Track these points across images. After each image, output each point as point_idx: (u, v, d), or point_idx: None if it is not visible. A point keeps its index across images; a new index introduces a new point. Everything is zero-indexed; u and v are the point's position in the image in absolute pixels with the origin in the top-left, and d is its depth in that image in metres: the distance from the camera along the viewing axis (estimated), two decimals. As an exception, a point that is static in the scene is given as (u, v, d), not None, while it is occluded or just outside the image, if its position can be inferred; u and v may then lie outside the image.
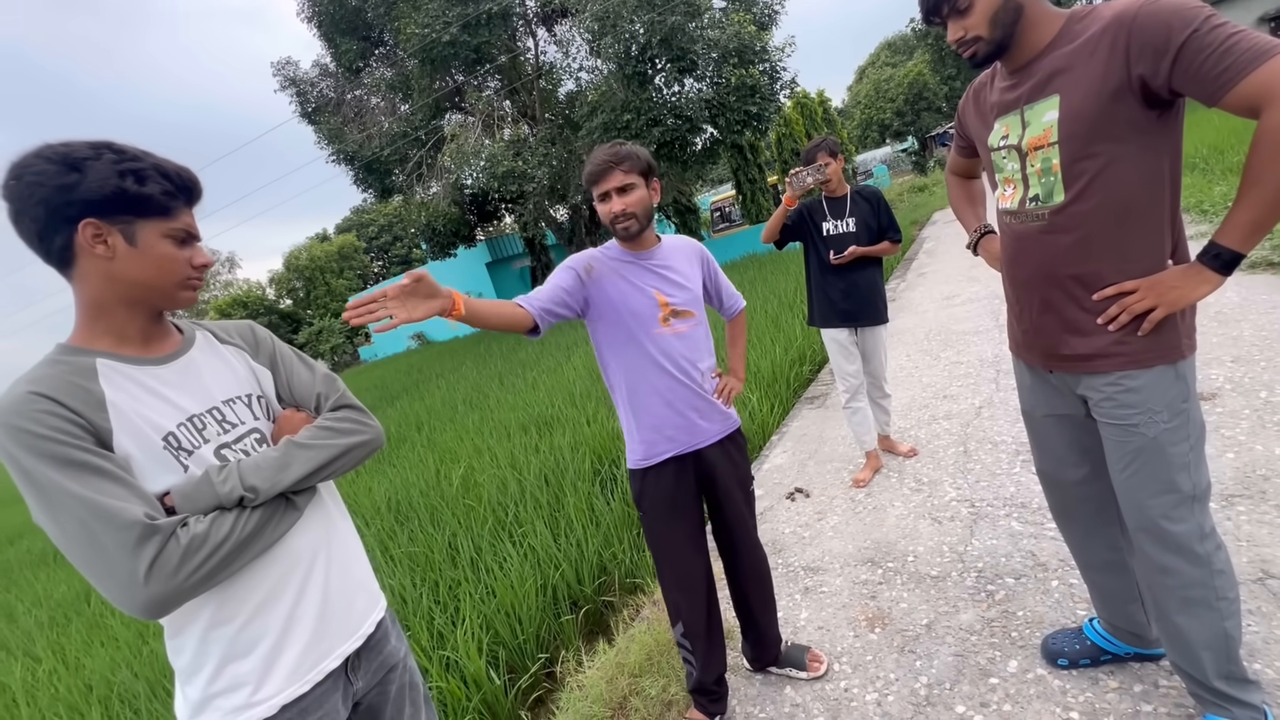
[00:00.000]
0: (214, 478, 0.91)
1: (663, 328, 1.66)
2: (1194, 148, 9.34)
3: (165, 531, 0.83)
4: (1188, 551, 1.31)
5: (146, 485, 0.89)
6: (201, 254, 1.01)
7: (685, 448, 1.71)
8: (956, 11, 1.26)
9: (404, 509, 4.42)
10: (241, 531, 0.90)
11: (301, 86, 17.88)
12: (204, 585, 0.87)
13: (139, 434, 0.90)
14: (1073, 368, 1.38)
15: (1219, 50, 1.06)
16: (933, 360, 4.70)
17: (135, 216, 0.91)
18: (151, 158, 0.93)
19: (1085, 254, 1.28)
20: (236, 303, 35.13)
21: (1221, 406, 2.76)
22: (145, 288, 0.95)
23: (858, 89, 40.79)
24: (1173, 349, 1.26)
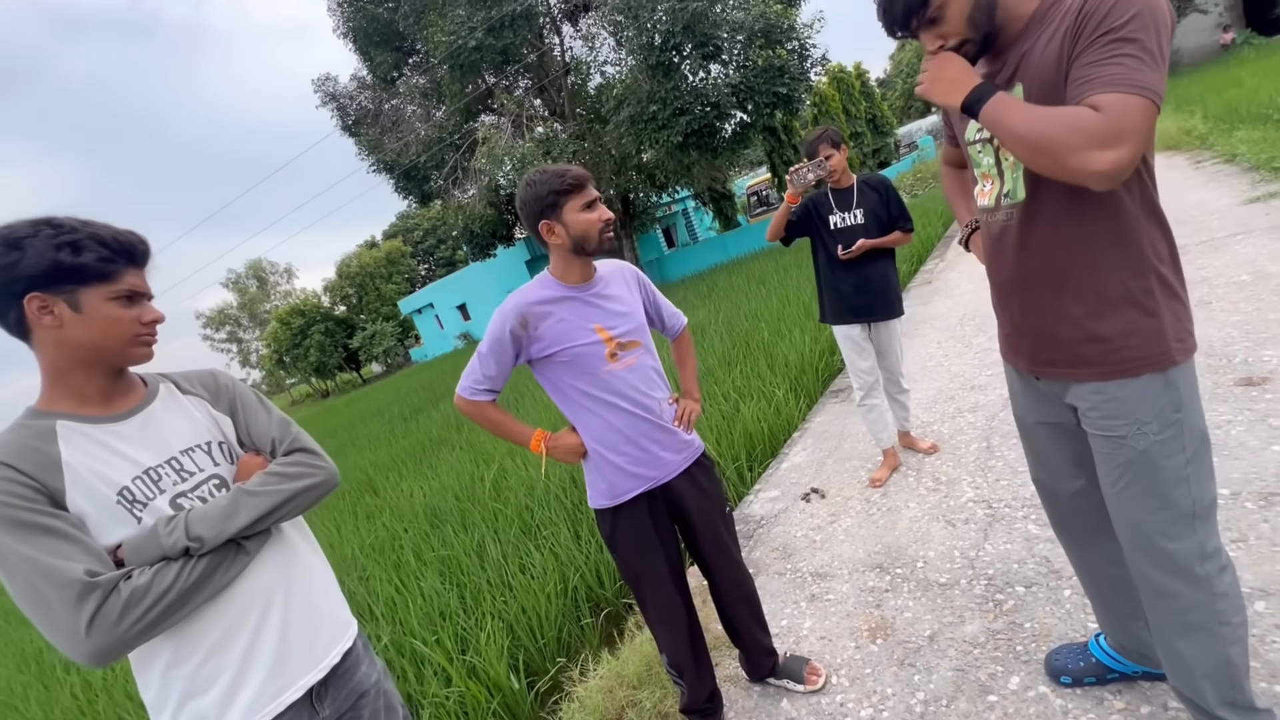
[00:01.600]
0: (160, 530, 0.97)
1: (611, 364, 1.59)
2: (1268, 97, 8.57)
3: (105, 587, 0.90)
4: (1186, 573, 1.23)
5: (101, 539, 0.96)
6: (150, 311, 1.07)
7: (652, 483, 1.66)
8: (929, 22, 1.18)
9: (439, 513, 4.59)
10: (186, 581, 0.96)
11: (341, 100, 18.55)
12: (149, 633, 0.93)
13: (92, 491, 0.97)
14: (1058, 374, 1.31)
15: (1122, 56, 0.98)
16: (964, 347, 4.51)
17: (76, 285, 0.98)
18: (90, 228, 0.99)
19: (1055, 253, 1.21)
20: (295, 311, 36.88)
21: (1271, 392, 2.55)
22: (96, 349, 1.02)
23: (900, 57, 39.11)
24: (1161, 356, 1.17)
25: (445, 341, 30.85)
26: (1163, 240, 1.18)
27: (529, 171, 1.58)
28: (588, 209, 1.55)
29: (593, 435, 1.64)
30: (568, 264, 1.61)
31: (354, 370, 40.68)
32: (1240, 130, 7.79)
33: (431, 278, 44.81)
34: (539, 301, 1.58)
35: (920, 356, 4.60)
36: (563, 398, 1.65)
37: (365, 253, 40.79)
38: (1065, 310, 1.23)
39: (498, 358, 1.59)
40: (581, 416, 1.64)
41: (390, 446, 8.79)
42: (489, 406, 1.66)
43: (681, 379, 1.96)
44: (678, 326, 1.91)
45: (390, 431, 10.45)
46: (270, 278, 46.29)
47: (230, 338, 45.19)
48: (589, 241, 1.56)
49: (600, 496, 1.68)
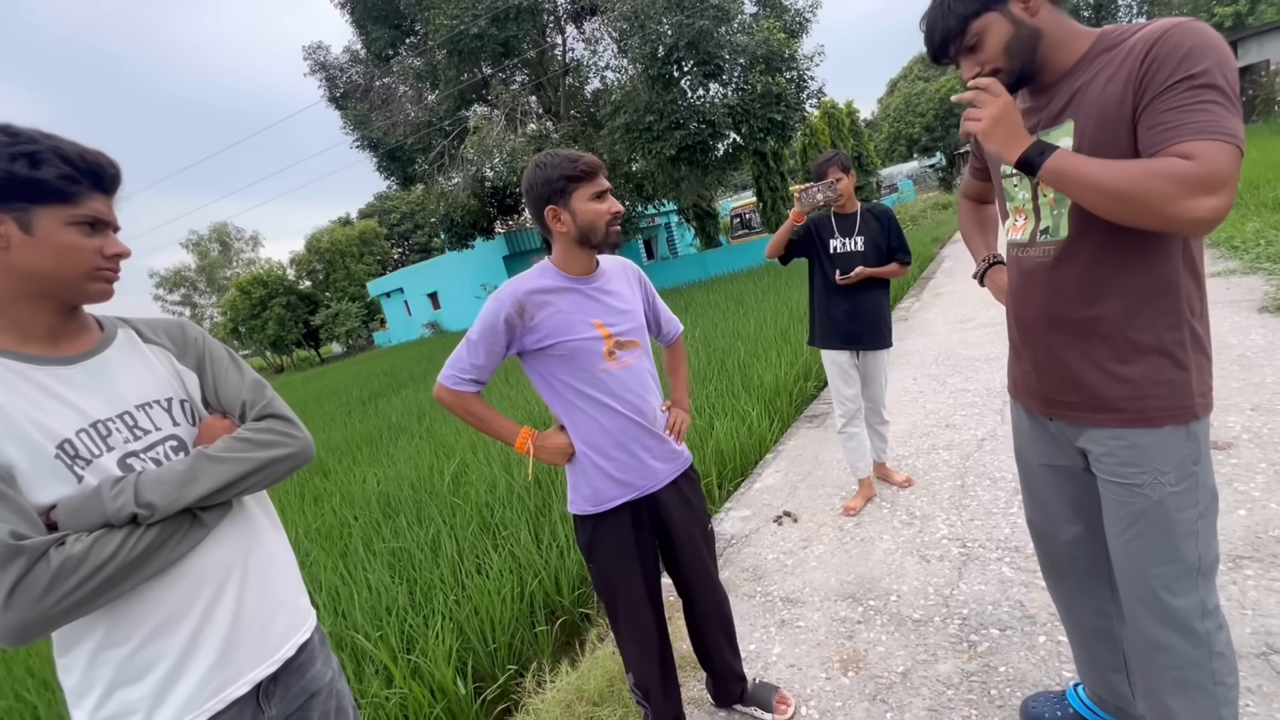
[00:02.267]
0: (105, 491, 0.84)
1: (608, 362, 1.51)
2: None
3: (33, 552, 0.77)
4: (1187, 629, 1.21)
5: (33, 497, 0.83)
6: (115, 243, 0.94)
7: (638, 492, 1.58)
8: (967, 49, 1.17)
9: (393, 502, 4.39)
10: (130, 552, 0.83)
11: (331, 71, 18.09)
12: (78, 611, 0.81)
13: (27, 440, 0.83)
14: (1075, 418, 1.28)
15: (1207, 105, 0.97)
16: (939, 386, 4.57)
17: (29, 203, 0.85)
18: (51, 140, 0.87)
19: (1091, 295, 1.18)
20: (257, 281, 35.55)
21: (1236, 458, 2.63)
22: (47, 280, 0.88)
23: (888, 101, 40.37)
24: (1184, 409, 1.16)
25: (412, 328, 30.17)
26: (1198, 295, 1.17)
27: (539, 154, 1.48)
28: (597, 199, 1.47)
29: (582, 436, 1.55)
30: (571, 254, 1.52)
31: (312, 348, 39.38)
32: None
33: (405, 262, 43.88)
34: (538, 290, 1.49)
35: (896, 391, 4.64)
36: (554, 394, 1.56)
37: (338, 229, 39.68)
38: (1093, 353, 1.21)
39: (488, 346, 1.49)
40: (572, 415, 1.55)
41: (346, 429, 8.47)
42: (472, 398, 1.55)
43: (673, 388, 1.88)
44: (673, 333, 1.85)
45: (347, 414, 10.08)
46: (234, 244, 44.64)
47: (184, 301, 43.29)
48: (595, 233, 1.48)
49: (583, 502, 1.59)
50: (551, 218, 1.47)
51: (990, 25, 1.14)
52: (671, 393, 1.86)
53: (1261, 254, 5.57)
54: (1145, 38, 1.04)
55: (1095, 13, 23.48)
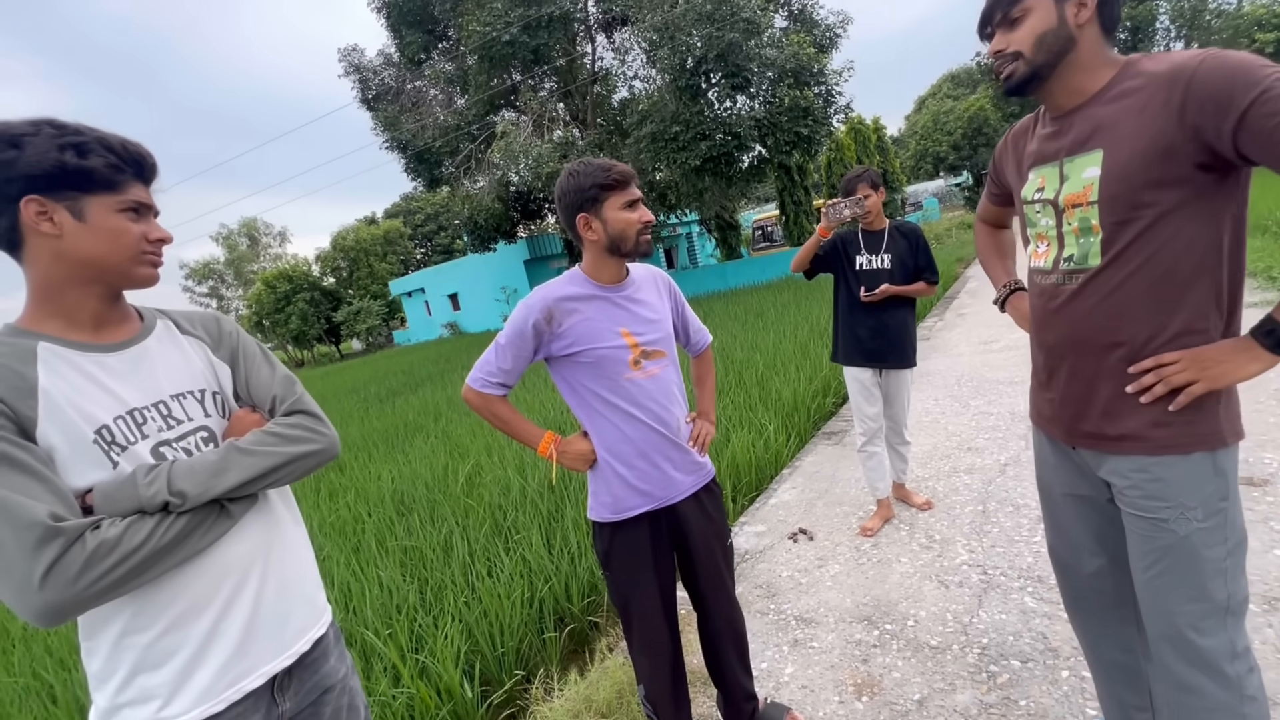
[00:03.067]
0: (140, 478, 0.86)
1: (634, 372, 1.51)
2: (1267, 209, 8.85)
3: (70, 535, 0.78)
4: (1215, 670, 1.16)
5: (69, 481, 0.85)
6: (158, 228, 0.97)
7: (659, 503, 1.57)
8: (1007, 21, 1.17)
9: (407, 501, 4.42)
10: (160, 539, 0.85)
11: (364, 74, 18.46)
12: (109, 594, 0.82)
13: (68, 425, 0.85)
14: (1100, 446, 1.25)
15: None
16: (961, 408, 4.50)
17: (80, 191, 0.88)
18: (95, 132, 0.90)
19: (1121, 324, 1.16)
20: (282, 276, 36.23)
21: (1272, 495, 2.54)
22: (98, 265, 0.91)
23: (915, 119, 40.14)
24: (1213, 435, 1.12)
25: (431, 328, 30.48)
26: (1230, 319, 1.14)
27: (572, 163, 1.49)
28: (629, 208, 1.47)
29: (604, 444, 1.55)
30: (601, 262, 1.53)
31: (333, 344, 39.97)
32: (1240, 237, 8.02)
33: (427, 263, 44.43)
34: (567, 297, 1.50)
35: (917, 411, 4.57)
36: (579, 401, 1.56)
37: (364, 228, 40.34)
38: (1117, 382, 1.18)
39: (516, 350, 1.51)
40: (596, 423, 1.55)
41: (362, 426, 8.55)
42: (498, 401, 1.57)
43: (699, 399, 1.87)
44: (702, 343, 1.83)
45: (364, 411, 10.19)
46: (263, 238, 45.53)
47: (211, 293, 44.19)
48: (626, 242, 1.48)
49: (602, 509, 1.59)
50: (583, 225, 1.48)
51: (1038, 8, 1.13)
52: (698, 403, 1.85)
53: (1301, 286, 5.42)
54: (1182, 68, 1.04)
55: (1132, 35, 23.17)
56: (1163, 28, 23.51)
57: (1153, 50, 23.79)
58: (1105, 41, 1.15)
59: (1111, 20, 1.15)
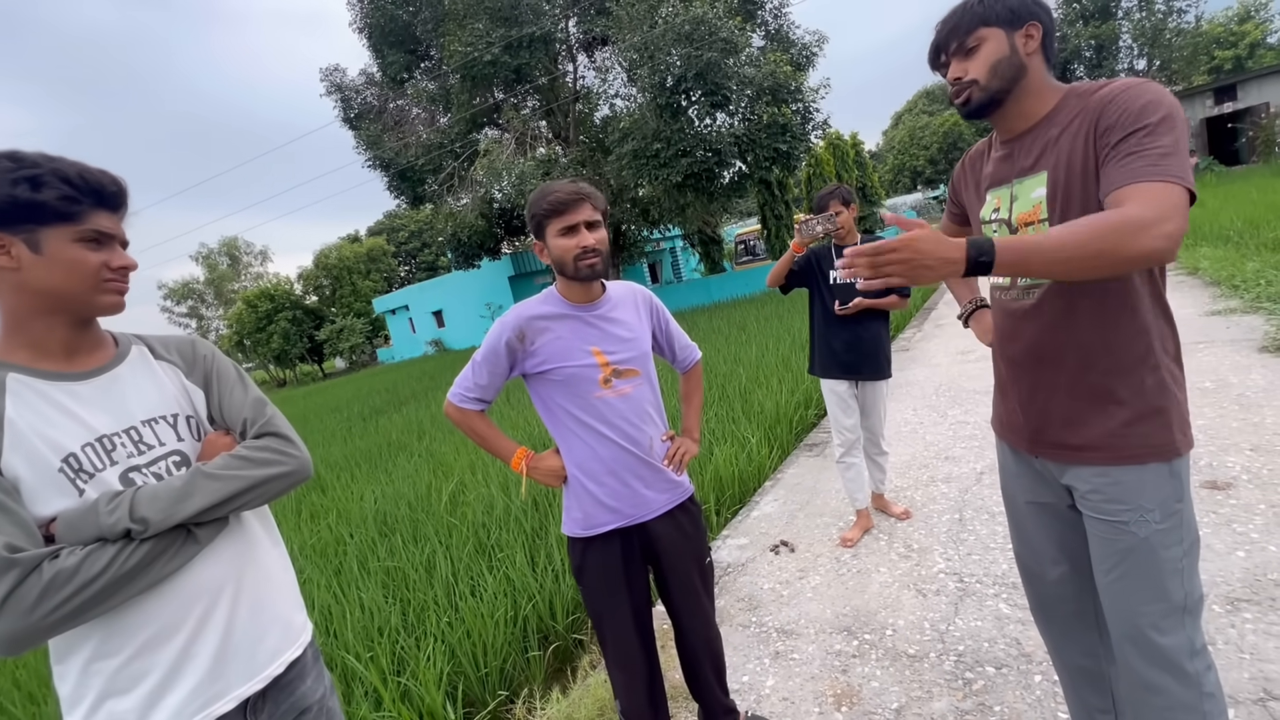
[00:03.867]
0: (101, 506, 0.87)
1: (603, 390, 1.53)
2: (1229, 220, 9.16)
3: (25, 565, 0.79)
4: (1176, 668, 1.20)
5: (35, 509, 0.85)
6: (121, 256, 0.97)
7: (628, 520, 1.58)
8: (963, 51, 1.25)
9: (390, 521, 4.38)
10: (121, 567, 0.85)
11: (346, 93, 18.50)
12: (68, 623, 0.82)
13: (34, 454, 0.86)
14: (1061, 457, 1.30)
15: (1153, 151, 1.03)
16: (939, 417, 4.57)
17: (36, 224, 0.88)
18: (54, 164, 0.90)
19: (1071, 338, 1.23)
20: (264, 295, 35.83)
21: (1235, 499, 2.62)
22: (58, 296, 0.92)
23: (893, 134, 40.97)
24: (1167, 446, 1.18)
25: (416, 345, 30.28)
26: (1170, 336, 1.21)
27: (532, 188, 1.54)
28: (565, 234, 1.47)
29: (575, 461, 1.58)
30: (567, 282, 1.56)
31: (316, 363, 39.50)
32: (1203, 247, 8.29)
33: (411, 280, 44.26)
34: (539, 316, 1.54)
35: (896, 422, 4.63)
36: (551, 418, 1.59)
37: (346, 246, 40.10)
38: (1075, 392, 1.24)
39: (490, 367, 1.55)
40: (567, 439, 1.58)
41: (345, 445, 8.45)
42: (476, 417, 1.61)
43: (684, 416, 1.88)
44: (689, 360, 1.83)
45: (347, 430, 10.08)
46: (244, 257, 45.09)
47: (191, 313, 43.59)
48: (565, 267, 1.50)
49: (574, 524, 1.61)
50: (539, 250, 1.55)
51: (992, 39, 1.21)
52: (682, 420, 1.86)
53: (1262, 293, 5.60)
54: (1104, 95, 1.13)
55: (1097, 54, 23.94)
56: (1126, 46, 24.31)
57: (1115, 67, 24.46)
58: (1048, 71, 1.25)
59: (1051, 52, 1.25)
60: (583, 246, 1.47)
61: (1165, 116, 1.04)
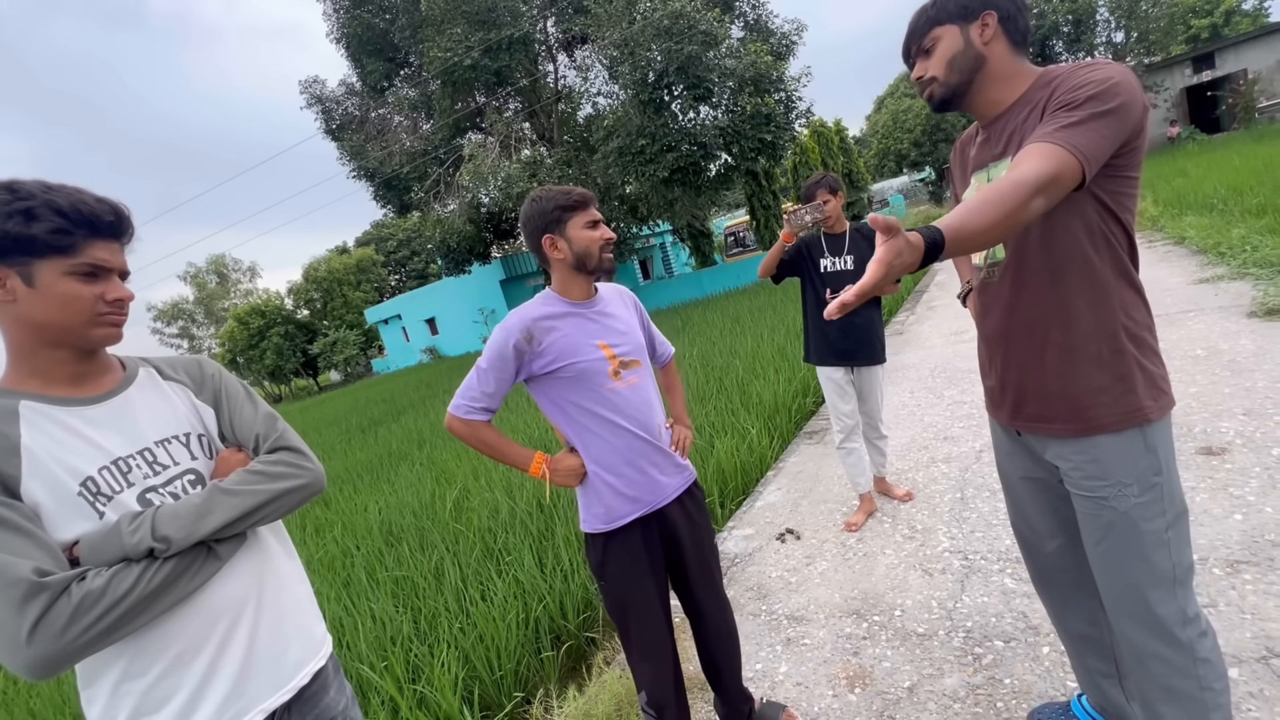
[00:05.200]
0: (124, 527, 0.88)
1: (615, 382, 1.57)
2: (1212, 188, 9.22)
3: (54, 589, 0.80)
4: (1169, 636, 1.23)
5: (57, 534, 0.86)
6: (117, 288, 0.96)
7: (648, 508, 1.62)
8: (923, 51, 1.29)
9: (395, 530, 4.38)
10: (147, 586, 0.86)
11: (327, 104, 18.38)
12: (99, 644, 0.83)
13: (52, 479, 0.87)
14: (1036, 429, 1.33)
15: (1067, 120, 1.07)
16: (936, 399, 4.61)
17: (29, 257, 0.89)
18: (50, 194, 0.90)
19: (1032, 311, 1.26)
20: (255, 311, 35.69)
21: (1231, 463, 2.65)
22: (53, 328, 0.92)
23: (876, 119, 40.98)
24: (1133, 413, 1.19)
25: (410, 354, 30.20)
26: (1136, 301, 1.22)
27: (533, 190, 1.57)
28: (591, 227, 1.56)
29: (592, 456, 1.60)
30: (569, 280, 1.59)
31: (311, 377, 39.38)
32: (1188, 216, 8.35)
33: (402, 289, 44.09)
34: (544, 316, 1.56)
35: (894, 405, 4.67)
36: (564, 417, 1.61)
37: (335, 258, 39.94)
38: (1042, 366, 1.27)
39: (498, 374, 1.55)
40: (582, 436, 1.60)
41: (346, 458, 8.45)
42: (484, 427, 1.59)
43: (672, 405, 1.93)
44: (666, 355, 1.92)
45: (346, 442, 10.06)
46: (232, 275, 44.87)
47: (182, 333, 43.38)
48: (590, 258, 1.55)
49: (595, 520, 1.62)
50: (549, 245, 1.55)
51: (946, 36, 1.25)
52: (672, 409, 1.90)
53: (1248, 259, 5.66)
54: (1059, 77, 1.15)
55: (1075, 28, 24.00)
56: (1103, 19, 24.38)
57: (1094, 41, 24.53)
58: (1016, 54, 1.25)
59: (1018, 34, 1.24)
60: (607, 238, 1.55)
61: (1094, 95, 1.06)
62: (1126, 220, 1.19)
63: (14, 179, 0.91)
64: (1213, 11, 28.68)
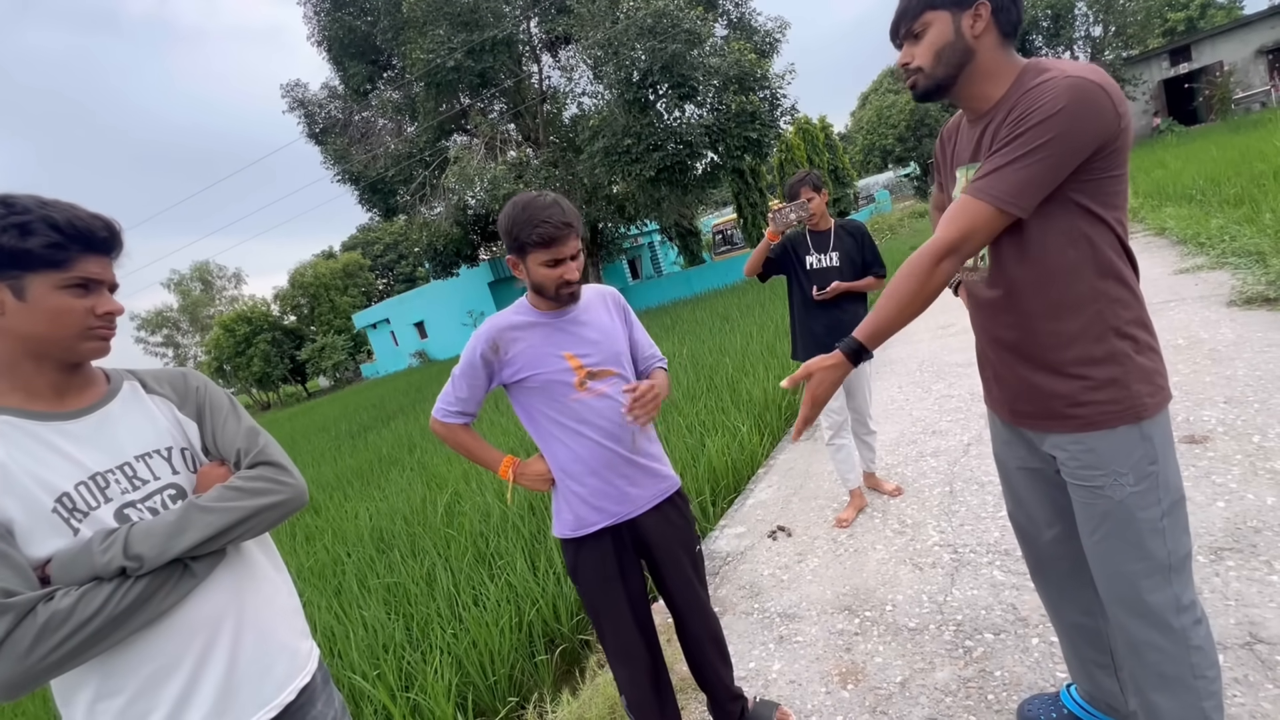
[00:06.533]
0: (95, 545, 0.87)
1: (580, 393, 1.55)
2: (1191, 179, 9.35)
3: (19, 609, 0.79)
4: (1162, 624, 1.24)
5: (30, 550, 0.85)
6: (108, 301, 0.97)
7: (616, 518, 1.60)
8: (911, 35, 1.26)
9: (386, 537, 4.35)
10: (117, 606, 0.85)
11: (310, 108, 18.22)
12: (66, 664, 0.82)
13: (26, 496, 0.86)
14: (1034, 425, 1.33)
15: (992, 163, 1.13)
16: (924, 393, 4.64)
17: (21, 270, 0.89)
18: (45, 209, 0.90)
19: (1020, 314, 1.26)
20: (241, 318, 35.30)
21: (1213, 451, 2.69)
22: (43, 341, 0.92)
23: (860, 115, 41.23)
24: (1128, 409, 1.19)
25: (400, 358, 30.02)
26: (1127, 298, 1.20)
27: (517, 196, 1.52)
28: (550, 266, 1.47)
29: (558, 464, 1.60)
30: (538, 293, 1.57)
31: (299, 383, 39.01)
32: (1168, 207, 8.46)
33: (390, 293, 43.82)
34: (510, 326, 1.56)
35: (882, 400, 4.69)
36: (533, 424, 1.62)
37: (321, 263, 39.58)
38: (1032, 365, 1.27)
39: (469, 381, 1.58)
40: (549, 444, 1.60)
41: (335, 464, 8.38)
42: (460, 430, 1.65)
43: None
44: (650, 367, 1.74)
45: (336, 449, 9.98)
46: (217, 281, 44.31)
47: (167, 341, 42.78)
48: (545, 291, 1.53)
49: (564, 526, 1.63)
50: (513, 265, 1.55)
51: (937, 22, 1.21)
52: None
53: (1226, 249, 5.74)
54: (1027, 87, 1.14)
55: (1054, 23, 24.26)
56: (1081, 14, 24.66)
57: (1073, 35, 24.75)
58: (1005, 46, 1.22)
59: (1010, 25, 1.21)
60: (566, 280, 1.49)
61: (1027, 131, 1.09)
62: (1113, 218, 1.18)
63: (8, 194, 0.91)
64: (1188, 5, 29.11)
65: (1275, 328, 3.84)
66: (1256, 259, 5.11)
